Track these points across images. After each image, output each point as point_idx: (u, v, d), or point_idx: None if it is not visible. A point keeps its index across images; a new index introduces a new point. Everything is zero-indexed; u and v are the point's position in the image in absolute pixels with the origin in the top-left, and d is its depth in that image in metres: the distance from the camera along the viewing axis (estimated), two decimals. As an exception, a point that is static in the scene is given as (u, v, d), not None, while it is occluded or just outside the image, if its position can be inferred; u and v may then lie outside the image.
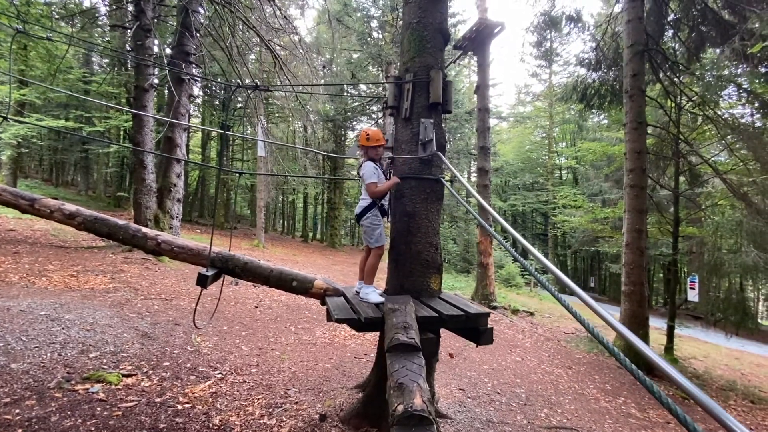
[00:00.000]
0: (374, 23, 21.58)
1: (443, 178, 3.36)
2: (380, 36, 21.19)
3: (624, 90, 7.65)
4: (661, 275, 25.51)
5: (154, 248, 3.22)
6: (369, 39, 20.98)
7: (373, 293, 3.10)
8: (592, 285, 33.73)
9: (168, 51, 10.99)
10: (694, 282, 9.94)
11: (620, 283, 7.76)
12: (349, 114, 22.35)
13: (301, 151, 18.64)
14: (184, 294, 6.81)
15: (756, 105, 7.91)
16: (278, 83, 11.54)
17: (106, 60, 19.88)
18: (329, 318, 2.94)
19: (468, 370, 5.62)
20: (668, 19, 8.48)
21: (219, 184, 23.77)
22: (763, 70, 6.90)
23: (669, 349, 8.39)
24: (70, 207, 3.25)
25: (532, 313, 11.18)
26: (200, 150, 26.11)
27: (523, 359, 6.68)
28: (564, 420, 4.40)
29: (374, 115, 22.81)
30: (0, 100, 11.83)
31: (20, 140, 14.12)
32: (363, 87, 22.93)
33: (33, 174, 24.49)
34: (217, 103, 23.95)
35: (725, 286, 9.88)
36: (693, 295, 9.57)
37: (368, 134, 3.21)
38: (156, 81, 11.15)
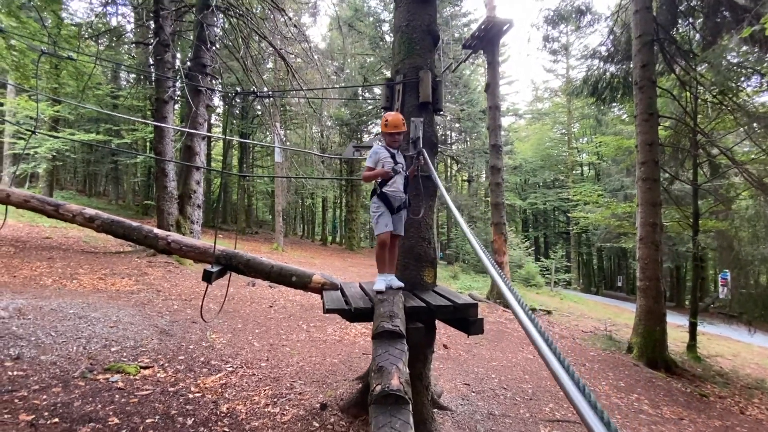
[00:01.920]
0: (385, 27, 21.78)
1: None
2: (392, 39, 21.34)
3: (633, 81, 7.50)
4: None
5: (164, 247, 3.46)
6: (381, 43, 21.19)
7: (380, 281, 3.06)
8: (619, 284, 32.35)
9: (188, 64, 11.50)
10: (726, 278, 9.48)
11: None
12: (364, 117, 22.62)
13: (316, 155, 19.02)
14: (202, 295, 7.13)
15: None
16: (292, 91, 11.87)
17: (133, 75, 20.93)
18: (324, 310, 3.09)
19: (476, 366, 5.66)
20: (681, 8, 8.26)
21: (239, 190, 24.47)
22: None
23: (692, 347, 8.10)
24: (90, 211, 3.54)
25: (549, 312, 11.02)
26: (221, 158, 27.02)
27: (534, 356, 6.63)
28: (569, 414, 4.39)
29: (389, 118, 22.98)
30: (32, 116, 12.68)
31: (55, 154, 15.08)
32: (377, 90, 23.17)
33: (68, 186, 25.95)
34: (237, 112, 24.79)
35: (764, 281, 9.37)
36: (724, 293, 9.16)
37: (387, 120, 3.12)
38: (178, 93, 11.67)
